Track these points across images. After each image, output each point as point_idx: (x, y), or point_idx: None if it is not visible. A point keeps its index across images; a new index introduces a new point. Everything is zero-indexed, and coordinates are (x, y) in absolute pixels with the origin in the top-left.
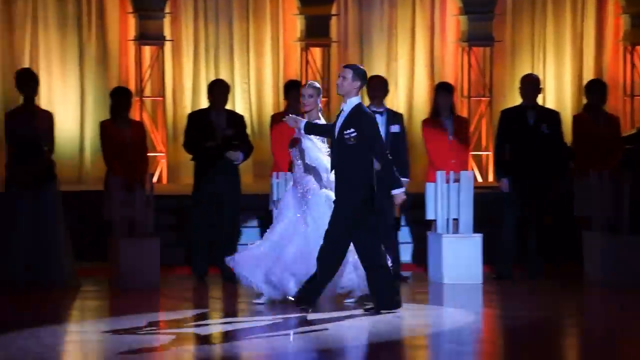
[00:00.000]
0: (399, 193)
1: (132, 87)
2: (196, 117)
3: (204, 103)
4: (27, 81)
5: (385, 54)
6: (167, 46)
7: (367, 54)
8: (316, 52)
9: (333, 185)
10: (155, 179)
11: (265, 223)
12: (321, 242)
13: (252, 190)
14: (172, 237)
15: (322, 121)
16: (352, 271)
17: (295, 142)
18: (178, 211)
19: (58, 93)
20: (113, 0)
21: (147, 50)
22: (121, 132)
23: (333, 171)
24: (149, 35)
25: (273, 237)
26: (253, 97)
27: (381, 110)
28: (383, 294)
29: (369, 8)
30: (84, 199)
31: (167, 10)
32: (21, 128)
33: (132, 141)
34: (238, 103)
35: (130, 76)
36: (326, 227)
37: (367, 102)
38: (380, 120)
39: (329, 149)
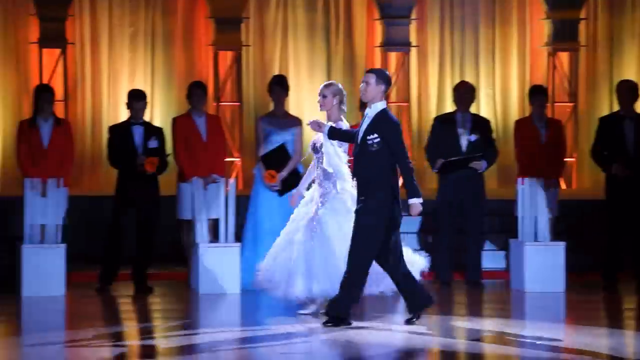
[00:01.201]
0: (415, 203)
1: None
2: (443, 120)
3: (449, 108)
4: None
5: (636, 59)
6: (413, 52)
7: (617, 59)
8: (564, 57)
9: (348, 193)
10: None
11: (511, 229)
12: (334, 246)
13: (497, 196)
14: None
15: (345, 123)
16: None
17: (317, 147)
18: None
19: (307, 99)
20: (361, 8)
21: (392, 57)
22: None
23: (353, 179)
24: (395, 42)
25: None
26: (498, 103)
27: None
28: (413, 298)
29: (621, 12)
30: None
31: (413, 16)
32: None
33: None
34: (483, 108)
35: None
36: (343, 231)
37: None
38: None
39: (349, 158)
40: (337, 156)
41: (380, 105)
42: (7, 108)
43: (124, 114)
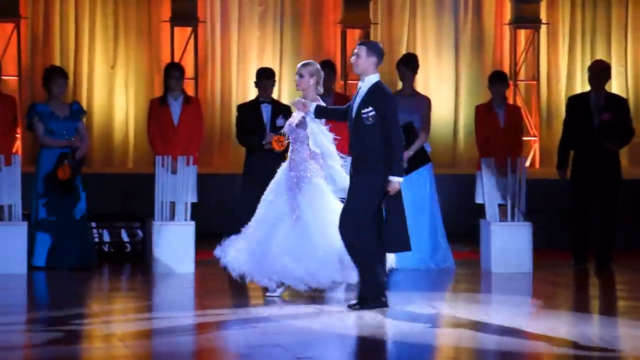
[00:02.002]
0: (394, 181)
1: (506, 70)
2: (576, 99)
3: (579, 87)
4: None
5: None
6: (543, 30)
7: None
8: None
9: (335, 171)
10: (527, 163)
11: None
12: (310, 233)
13: (631, 176)
14: (544, 221)
15: (321, 103)
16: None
17: (301, 125)
18: (550, 195)
19: (434, 78)
20: None
21: (522, 34)
22: (495, 117)
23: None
24: (525, 19)
25: (258, 225)
26: (630, 80)
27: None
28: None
29: None
30: (456, 182)
31: None
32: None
33: (507, 123)
34: (614, 86)
35: (505, 60)
36: (318, 217)
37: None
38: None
39: (335, 136)
40: (324, 135)
41: (373, 78)
42: (139, 86)
43: (252, 93)
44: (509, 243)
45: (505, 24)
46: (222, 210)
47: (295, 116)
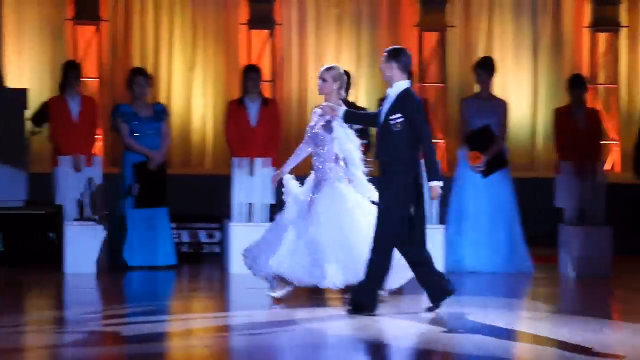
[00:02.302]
0: (435, 186)
1: (585, 74)
2: None
3: None
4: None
5: None
6: (623, 33)
7: None
8: None
9: (358, 180)
10: (607, 167)
11: None
12: (322, 233)
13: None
14: (623, 226)
15: (343, 108)
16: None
17: (327, 129)
18: (630, 200)
19: (512, 80)
20: None
21: (601, 37)
22: (574, 121)
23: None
24: (605, 22)
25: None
26: None
27: None
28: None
29: None
30: (535, 185)
31: None
32: (474, 115)
33: (587, 127)
34: None
35: (584, 63)
36: (331, 221)
37: None
38: None
39: (361, 142)
40: (350, 140)
41: (403, 85)
42: (217, 89)
43: None
44: (588, 247)
45: (584, 27)
46: None
47: (318, 120)
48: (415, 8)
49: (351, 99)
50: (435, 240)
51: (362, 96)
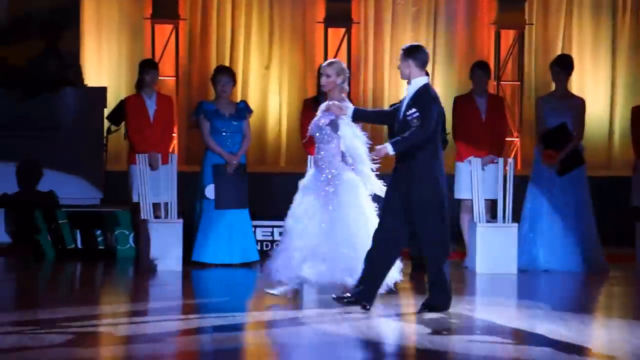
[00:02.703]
0: (386, 146)
1: None
2: None
3: None
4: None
5: None
6: None
7: None
8: None
9: (365, 177)
10: None
11: None
12: (342, 228)
13: None
14: None
15: (348, 104)
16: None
17: (332, 127)
18: None
19: (589, 78)
20: None
21: None
22: None
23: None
24: None
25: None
26: None
27: None
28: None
29: None
30: (611, 183)
31: None
32: (550, 113)
33: None
34: None
35: None
36: (350, 213)
37: None
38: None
39: (368, 140)
40: (357, 137)
41: (421, 81)
42: (292, 87)
43: (404, 93)
44: None
45: None
46: None
47: (321, 116)
48: (493, 5)
49: None
50: (509, 238)
51: (440, 94)
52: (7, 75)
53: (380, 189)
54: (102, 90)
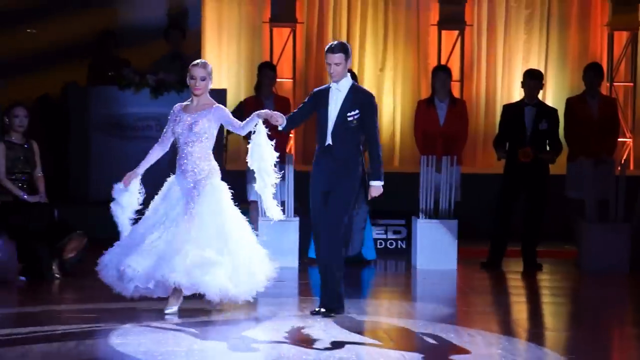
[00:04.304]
0: (377, 185)
1: None
2: None
3: None
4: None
5: None
6: None
7: None
8: None
9: (266, 189)
10: None
11: None
12: (199, 235)
13: None
14: None
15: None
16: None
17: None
18: None
19: None
20: None
21: None
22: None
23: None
24: None
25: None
26: None
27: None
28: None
29: None
30: None
31: None
32: None
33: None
34: None
35: None
36: (210, 222)
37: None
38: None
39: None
40: (269, 147)
41: (349, 80)
42: (406, 88)
43: (517, 95)
44: None
45: None
46: (484, 209)
47: (178, 114)
48: (606, 7)
49: (540, 97)
50: (619, 238)
51: (549, 96)
52: (131, 77)
53: (275, 211)
54: (222, 92)
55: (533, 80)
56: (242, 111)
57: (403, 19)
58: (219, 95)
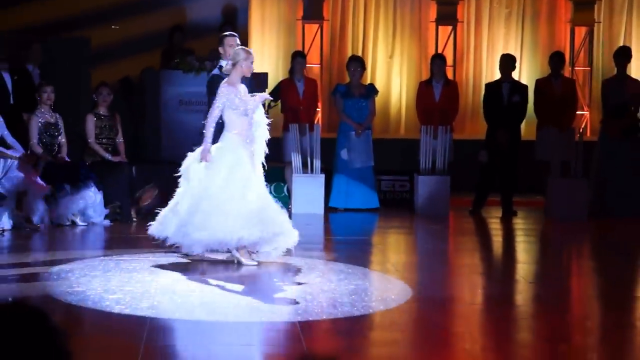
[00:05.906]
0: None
1: None
2: None
3: None
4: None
5: None
6: None
7: None
8: None
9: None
10: None
11: None
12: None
13: None
14: None
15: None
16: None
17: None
18: None
19: None
20: None
21: None
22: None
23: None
24: None
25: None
26: None
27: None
28: None
29: None
30: None
31: None
32: (613, 92)
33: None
34: None
35: None
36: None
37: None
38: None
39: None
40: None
41: None
42: (410, 72)
43: (498, 77)
44: None
45: None
46: (471, 166)
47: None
48: (569, 6)
49: (515, 76)
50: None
51: (523, 78)
52: (192, 63)
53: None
54: (264, 75)
55: (507, 60)
56: (279, 90)
57: (408, 16)
58: (261, 78)
